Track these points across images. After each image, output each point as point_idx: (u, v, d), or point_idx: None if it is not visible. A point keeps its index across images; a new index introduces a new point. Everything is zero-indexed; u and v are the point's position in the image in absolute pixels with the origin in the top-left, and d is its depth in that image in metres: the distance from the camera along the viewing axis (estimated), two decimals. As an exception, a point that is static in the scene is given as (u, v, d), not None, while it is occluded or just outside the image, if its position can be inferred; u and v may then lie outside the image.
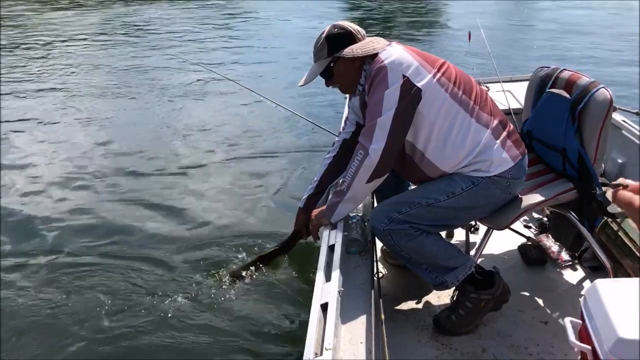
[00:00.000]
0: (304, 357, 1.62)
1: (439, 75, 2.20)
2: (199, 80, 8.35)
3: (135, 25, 14.03)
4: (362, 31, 2.39)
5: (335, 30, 2.34)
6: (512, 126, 2.36)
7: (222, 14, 15.70)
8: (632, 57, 9.39)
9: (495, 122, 2.28)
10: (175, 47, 11.22)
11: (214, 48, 11.07)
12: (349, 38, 2.32)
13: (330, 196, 2.47)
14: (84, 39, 12.06)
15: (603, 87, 2.42)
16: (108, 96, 7.71)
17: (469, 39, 4.39)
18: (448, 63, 2.29)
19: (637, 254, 2.57)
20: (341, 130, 2.78)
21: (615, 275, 2.57)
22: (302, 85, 2.42)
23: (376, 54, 2.25)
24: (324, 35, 2.34)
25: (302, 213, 2.81)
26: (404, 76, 2.15)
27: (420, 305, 2.63)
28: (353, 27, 2.36)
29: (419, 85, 2.15)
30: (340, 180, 2.39)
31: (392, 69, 2.15)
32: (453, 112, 2.21)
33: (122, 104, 7.39)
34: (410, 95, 2.15)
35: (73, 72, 9.06)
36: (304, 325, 1.78)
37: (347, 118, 2.75)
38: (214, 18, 15.01)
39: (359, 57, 2.29)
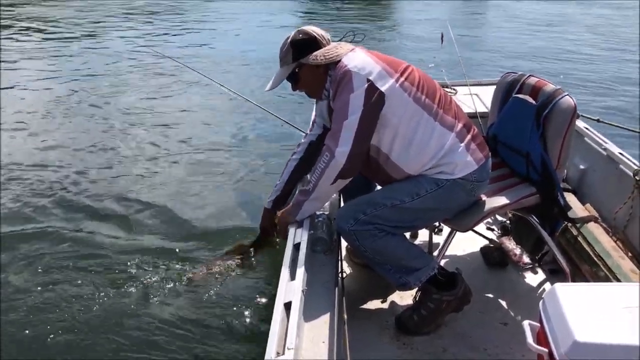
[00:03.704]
0: (266, 357, 1.62)
1: (402, 79, 2.22)
2: (168, 72, 8.25)
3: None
4: (327, 36, 2.40)
5: (300, 36, 2.35)
6: (476, 129, 2.39)
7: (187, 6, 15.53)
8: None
9: (460, 125, 2.31)
10: (138, 37, 11.09)
11: (183, 42, 10.96)
12: (313, 44, 2.34)
13: (296, 195, 2.48)
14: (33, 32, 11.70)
15: (567, 95, 2.47)
16: (68, 95, 7.46)
17: (442, 41, 4.42)
18: (412, 67, 2.32)
19: (595, 259, 2.63)
20: (308, 132, 2.78)
21: (574, 279, 2.63)
22: (268, 90, 2.44)
23: (340, 60, 2.27)
24: (288, 40, 2.36)
25: (268, 213, 2.80)
26: (368, 80, 2.17)
27: (383, 305, 2.65)
28: (318, 32, 2.38)
29: (382, 89, 2.18)
30: (307, 180, 2.39)
31: (357, 73, 2.18)
32: (417, 116, 2.24)
33: (84, 98, 7.26)
34: (375, 98, 2.17)
35: (20, 65, 8.82)
36: (267, 324, 1.77)
37: (314, 120, 2.75)
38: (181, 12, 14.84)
39: (322, 63, 2.31)
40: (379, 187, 2.60)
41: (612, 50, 10.82)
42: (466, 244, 3.06)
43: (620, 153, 3.02)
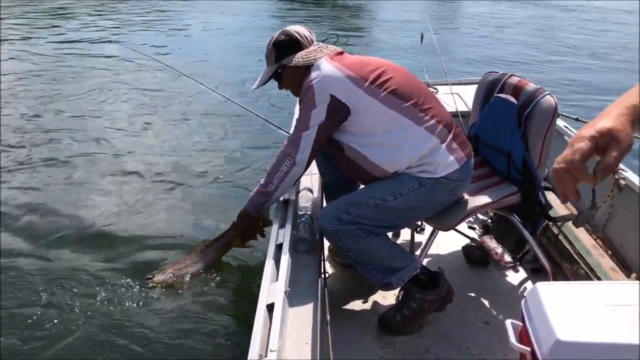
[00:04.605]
0: (248, 359, 1.60)
1: (372, 86, 2.24)
2: (139, 69, 8.18)
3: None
4: (310, 36, 2.44)
5: (282, 37, 2.41)
6: (458, 128, 2.40)
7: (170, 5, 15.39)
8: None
9: (441, 125, 2.30)
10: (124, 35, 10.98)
11: (159, 38, 10.89)
12: (295, 45, 2.39)
13: (254, 195, 2.52)
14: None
15: (548, 94, 2.48)
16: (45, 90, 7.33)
17: (422, 41, 4.42)
18: (386, 68, 2.31)
19: (575, 257, 2.66)
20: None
21: (555, 278, 2.65)
22: (254, 89, 2.55)
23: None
24: (271, 41, 2.43)
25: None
26: (331, 95, 2.21)
27: (366, 305, 2.64)
28: (300, 33, 2.42)
29: (345, 102, 2.22)
30: (264, 182, 2.45)
31: (319, 88, 2.23)
32: (391, 119, 2.25)
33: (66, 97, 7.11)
34: (337, 113, 2.24)
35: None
36: (250, 325, 1.76)
37: None
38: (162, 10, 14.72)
39: (301, 65, 2.35)
40: (362, 186, 2.60)
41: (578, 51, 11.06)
42: (448, 243, 3.07)
43: None
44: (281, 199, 2.58)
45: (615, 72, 9.23)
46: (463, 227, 3.16)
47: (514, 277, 2.86)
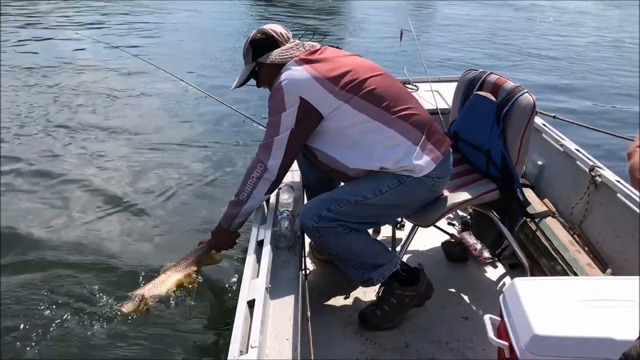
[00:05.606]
0: (229, 356, 1.60)
1: (343, 90, 2.21)
2: (120, 64, 8.03)
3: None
4: (287, 34, 2.43)
5: (258, 35, 2.40)
6: (433, 126, 2.36)
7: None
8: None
9: (413, 126, 2.28)
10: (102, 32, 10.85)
11: (130, 32, 10.81)
12: (272, 43, 2.38)
13: (228, 207, 2.47)
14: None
15: (527, 92, 2.51)
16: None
17: (401, 38, 4.44)
18: (359, 70, 2.27)
19: (552, 253, 2.69)
20: None
21: (532, 273, 2.69)
22: (233, 89, 2.51)
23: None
24: (248, 40, 2.42)
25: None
26: (300, 98, 2.19)
27: (346, 301, 2.66)
28: (276, 30, 2.41)
29: (315, 105, 2.20)
30: (236, 192, 2.42)
31: (288, 91, 2.21)
32: (362, 122, 2.23)
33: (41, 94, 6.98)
34: (308, 116, 2.22)
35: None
36: (230, 322, 1.76)
37: None
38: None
39: (278, 63, 2.34)
40: (342, 184, 2.61)
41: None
42: (428, 239, 3.10)
43: (577, 149, 3.09)
44: None
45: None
46: (443, 223, 3.19)
47: (493, 272, 2.90)
